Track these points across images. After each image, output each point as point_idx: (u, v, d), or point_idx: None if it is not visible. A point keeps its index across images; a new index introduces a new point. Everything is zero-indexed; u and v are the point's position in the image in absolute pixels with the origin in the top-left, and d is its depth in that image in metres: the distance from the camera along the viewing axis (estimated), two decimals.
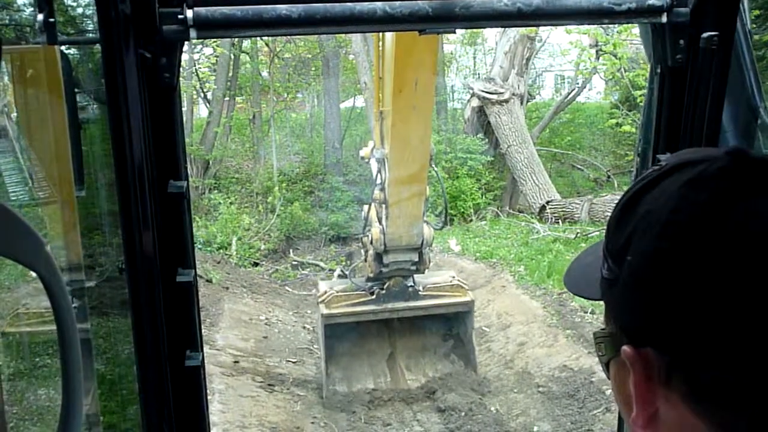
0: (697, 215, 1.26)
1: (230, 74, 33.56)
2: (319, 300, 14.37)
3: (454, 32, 3.12)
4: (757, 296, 1.20)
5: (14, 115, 2.92)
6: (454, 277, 15.26)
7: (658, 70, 3.11)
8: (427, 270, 14.89)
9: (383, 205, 13.47)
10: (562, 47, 31.84)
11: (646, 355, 1.35)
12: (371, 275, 14.52)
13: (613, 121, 29.83)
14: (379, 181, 13.41)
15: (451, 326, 15.13)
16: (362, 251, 15.37)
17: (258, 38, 30.26)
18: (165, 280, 3.00)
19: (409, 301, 14.30)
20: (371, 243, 13.96)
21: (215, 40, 29.22)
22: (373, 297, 14.28)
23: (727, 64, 2.94)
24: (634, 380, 1.38)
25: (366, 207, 14.56)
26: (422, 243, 13.84)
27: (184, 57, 32.00)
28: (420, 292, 14.38)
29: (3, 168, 2.82)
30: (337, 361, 14.49)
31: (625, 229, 1.38)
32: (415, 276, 14.51)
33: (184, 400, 3.17)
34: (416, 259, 14.12)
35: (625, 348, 1.38)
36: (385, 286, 14.29)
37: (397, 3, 2.91)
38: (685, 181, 1.31)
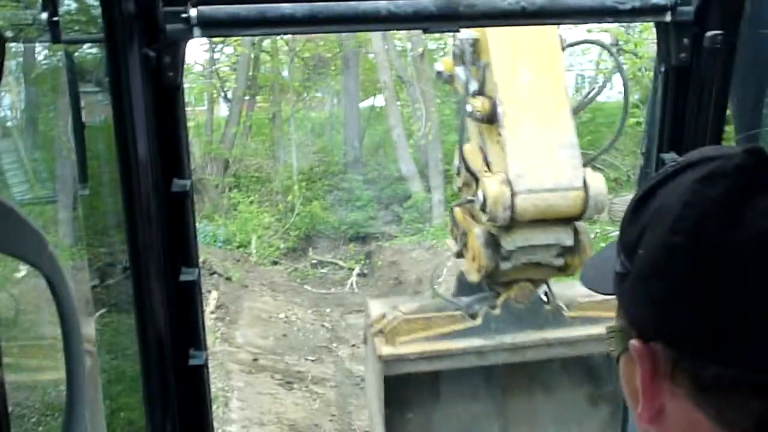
0: (708, 210, 1.26)
1: (250, 73, 33.60)
2: (374, 330, 7.74)
3: (458, 31, 3.11)
4: (763, 292, 1.21)
5: (18, 113, 2.93)
6: None
7: (663, 69, 3.10)
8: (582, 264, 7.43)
9: (491, 126, 7.26)
10: (583, 47, 31.71)
11: (654, 349, 1.35)
12: (477, 278, 7.72)
13: (634, 120, 29.63)
14: (474, 85, 7.32)
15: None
16: (452, 238, 8.37)
17: (278, 37, 30.29)
18: (169, 279, 3.01)
19: (546, 330, 7.61)
20: (483, 209, 7.03)
21: (236, 38, 29.26)
22: (478, 322, 7.58)
23: (732, 62, 2.93)
24: (641, 374, 1.38)
25: (459, 151, 7.90)
26: (586, 192, 6.96)
27: (205, 56, 31.91)
28: (565, 313, 7.68)
29: (6, 167, 2.83)
30: None
31: (639, 223, 1.39)
32: (553, 284, 8.01)
33: (188, 399, 3.18)
34: (569, 242, 7.26)
35: (633, 342, 1.39)
36: (499, 302, 7.62)
37: (401, 2, 2.91)
38: (700, 176, 1.31)
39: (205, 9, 2.84)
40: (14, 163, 2.83)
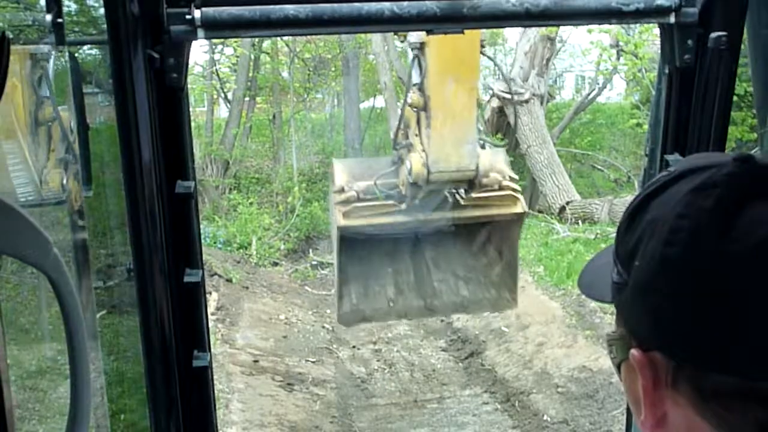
0: (701, 221, 1.27)
1: (250, 74, 33.61)
2: (336, 200, 11.99)
3: (462, 33, 3.11)
4: (760, 301, 1.21)
5: (22, 115, 2.93)
6: (504, 175, 13.46)
7: (667, 70, 3.10)
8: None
9: (423, 113, 10.82)
10: (583, 47, 31.71)
11: (654, 359, 1.36)
12: (404, 194, 11.94)
13: (634, 121, 29.73)
14: (416, 78, 10.69)
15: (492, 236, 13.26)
16: (395, 158, 12.24)
17: (278, 39, 30.29)
18: (173, 281, 3.01)
19: (447, 212, 12.06)
20: (409, 174, 11.24)
21: (236, 40, 29.28)
22: (403, 207, 11.77)
23: (736, 64, 2.93)
24: (643, 384, 1.39)
25: (402, 104, 12.59)
26: (477, 171, 11.22)
27: (205, 57, 31.93)
28: (461, 201, 11.80)
29: (11, 168, 2.83)
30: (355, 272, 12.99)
31: (634, 234, 1.39)
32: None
33: (192, 401, 3.17)
34: (465, 188, 11.64)
35: (633, 352, 1.39)
36: (418, 196, 11.70)
37: (405, 3, 2.91)
38: (692, 187, 1.31)
39: (209, 10, 2.84)
40: (18, 164, 2.83)
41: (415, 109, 10.46)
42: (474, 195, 11.41)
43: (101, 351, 3.14)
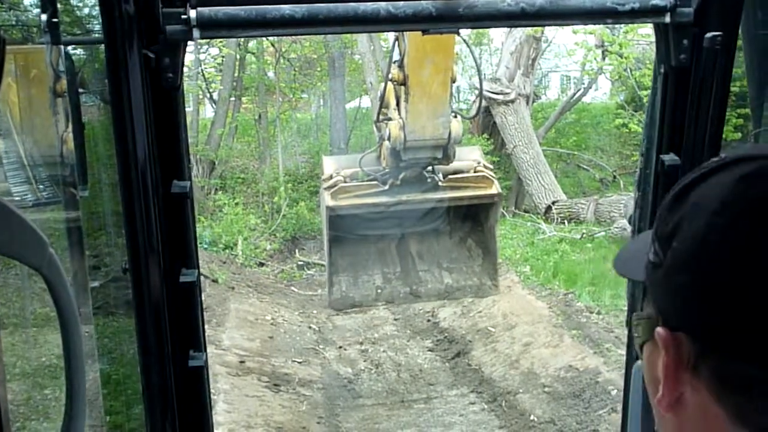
0: (745, 209, 1.27)
1: (236, 74, 33.54)
2: (324, 186, 14.10)
3: (458, 32, 3.13)
4: None
5: (18, 115, 2.93)
6: (479, 162, 14.76)
7: (662, 70, 3.11)
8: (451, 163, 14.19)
9: (402, 88, 12.45)
10: (568, 48, 31.79)
11: (679, 339, 1.36)
12: (386, 169, 13.95)
13: (619, 121, 29.81)
14: (396, 55, 12.51)
15: (472, 220, 15.43)
16: (377, 138, 14.52)
17: (264, 39, 30.23)
18: (168, 281, 3.00)
19: (427, 193, 13.94)
20: (388, 139, 13.00)
21: (221, 40, 29.23)
22: (386, 188, 13.85)
23: (731, 64, 2.94)
24: (665, 362, 1.39)
25: (383, 85, 13.82)
26: (449, 138, 12.95)
27: (191, 57, 31.79)
28: (440, 183, 13.92)
29: (7, 168, 2.83)
30: (342, 242, 15.19)
31: (676, 215, 1.39)
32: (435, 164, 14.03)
33: (188, 401, 3.17)
34: (440, 156, 13.40)
35: (659, 330, 1.40)
36: (399, 177, 13.68)
37: (401, 3, 2.92)
38: (741, 175, 1.31)
39: (205, 10, 2.84)
40: (14, 164, 2.82)
41: (394, 82, 12.32)
42: (452, 176, 13.61)
43: (97, 351, 3.14)
